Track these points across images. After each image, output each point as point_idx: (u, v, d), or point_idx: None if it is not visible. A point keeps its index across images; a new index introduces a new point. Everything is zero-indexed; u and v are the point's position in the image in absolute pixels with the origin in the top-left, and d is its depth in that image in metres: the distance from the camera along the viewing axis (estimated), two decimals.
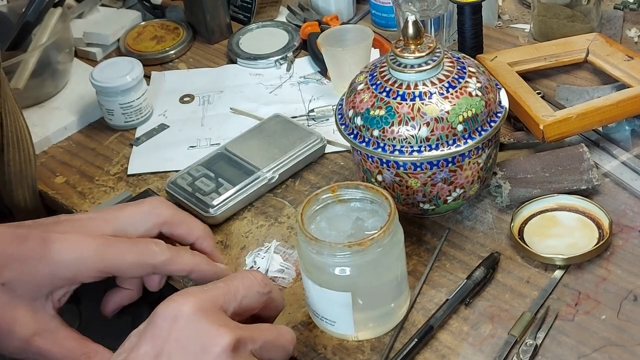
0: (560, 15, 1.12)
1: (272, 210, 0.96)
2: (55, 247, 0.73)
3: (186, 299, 0.65)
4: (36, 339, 0.74)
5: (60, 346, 0.75)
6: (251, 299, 0.70)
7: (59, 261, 0.73)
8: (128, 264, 0.75)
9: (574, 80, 1.08)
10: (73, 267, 0.73)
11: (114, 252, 0.74)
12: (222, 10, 1.26)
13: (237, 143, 1.02)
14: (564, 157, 0.92)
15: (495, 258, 0.84)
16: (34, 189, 0.99)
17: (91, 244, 0.74)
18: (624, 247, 0.84)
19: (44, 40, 1.13)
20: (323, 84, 1.15)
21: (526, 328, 0.77)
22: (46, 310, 0.75)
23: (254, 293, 0.70)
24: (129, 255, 0.75)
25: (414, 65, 0.82)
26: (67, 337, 0.75)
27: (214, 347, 0.63)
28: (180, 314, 0.64)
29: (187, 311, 0.64)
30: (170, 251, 0.76)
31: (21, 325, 0.74)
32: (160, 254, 0.76)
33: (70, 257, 0.73)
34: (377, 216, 0.78)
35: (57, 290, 0.75)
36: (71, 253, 0.73)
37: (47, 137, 1.11)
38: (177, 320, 0.64)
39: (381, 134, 0.82)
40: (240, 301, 0.68)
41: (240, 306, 0.68)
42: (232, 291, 0.68)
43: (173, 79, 1.21)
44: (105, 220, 0.77)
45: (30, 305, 0.74)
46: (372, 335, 0.79)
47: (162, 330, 0.64)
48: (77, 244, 0.74)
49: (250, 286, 0.70)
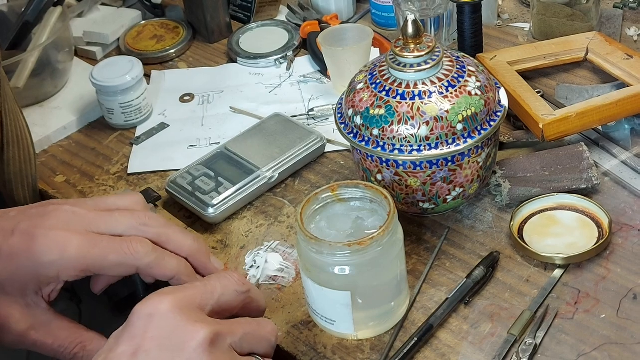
0: (560, 14, 1.12)
1: (272, 210, 0.96)
2: (38, 247, 0.73)
3: (162, 298, 0.65)
4: (31, 333, 0.75)
5: (56, 337, 0.75)
6: (229, 297, 0.69)
7: (42, 262, 0.73)
8: (110, 264, 0.74)
9: (574, 79, 1.08)
10: (55, 267, 0.73)
11: (96, 252, 0.74)
12: (222, 9, 1.26)
13: (237, 142, 1.02)
14: (564, 156, 0.92)
15: (495, 257, 0.84)
16: (34, 188, 0.99)
17: (74, 242, 0.73)
18: (623, 245, 0.84)
19: (44, 40, 1.13)
20: (323, 83, 1.15)
21: (526, 327, 0.77)
22: (38, 305, 0.75)
23: (232, 292, 0.70)
24: (111, 256, 0.74)
25: (413, 64, 0.82)
26: (62, 327, 0.76)
27: (191, 342, 0.63)
28: (156, 312, 0.64)
29: (163, 309, 0.64)
30: (156, 254, 0.75)
31: (15, 322, 0.74)
32: (145, 257, 0.75)
33: (53, 258, 0.73)
34: (376, 215, 0.78)
35: (44, 287, 0.75)
36: (54, 253, 0.73)
37: (48, 136, 1.11)
38: (153, 318, 0.64)
39: (381, 133, 0.82)
40: (218, 299, 0.68)
41: (219, 304, 0.68)
42: (209, 290, 0.68)
43: (173, 78, 1.21)
44: (91, 219, 0.76)
45: (22, 301, 0.75)
46: (372, 334, 0.79)
47: (138, 328, 0.64)
48: (61, 242, 0.73)
49: (227, 285, 0.70)
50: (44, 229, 0.74)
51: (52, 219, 0.75)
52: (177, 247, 0.78)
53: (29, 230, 0.74)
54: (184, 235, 0.79)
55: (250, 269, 0.88)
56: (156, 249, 0.76)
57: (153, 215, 0.78)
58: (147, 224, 0.77)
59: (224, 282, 0.70)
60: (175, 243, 0.78)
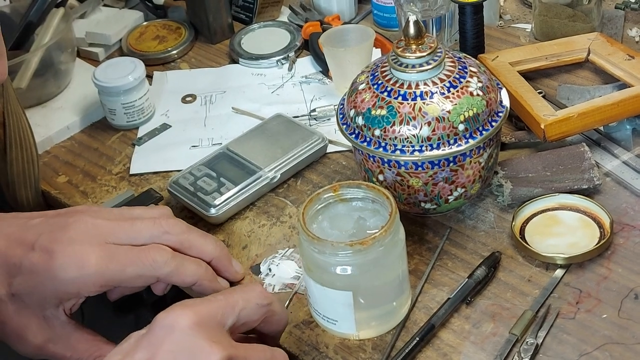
0: (562, 14, 1.12)
1: (274, 210, 0.96)
2: (57, 263, 0.73)
3: (184, 311, 0.65)
4: (49, 346, 0.76)
5: (74, 350, 0.76)
6: (250, 311, 0.69)
7: (61, 279, 0.73)
8: (129, 277, 0.75)
9: (575, 79, 1.08)
10: (75, 284, 0.74)
11: (114, 266, 0.74)
12: (224, 10, 1.26)
13: (239, 143, 1.02)
14: (565, 156, 0.92)
15: (496, 257, 0.84)
16: (36, 188, 0.99)
17: (92, 258, 0.73)
18: (625, 245, 0.84)
19: (47, 40, 1.14)
20: (325, 83, 1.15)
21: (527, 326, 0.77)
22: (58, 317, 0.76)
23: (253, 305, 0.70)
24: (129, 269, 0.74)
25: (415, 65, 0.83)
26: (80, 340, 0.77)
27: None
28: (176, 325, 0.64)
29: (183, 324, 0.64)
30: (175, 261, 0.75)
31: (34, 334, 0.75)
32: (164, 266, 0.75)
33: (72, 275, 0.73)
34: (378, 215, 0.78)
35: (65, 302, 0.76)
36: (73, 270, 0.73)
37: (50, 137, 1.11)
38: (173, 332, 0.64)
39: (382, 133, 0.82)
40: (239, 314, 0.68)
41: (239, 319, 0.68)
42: (230, 304, 0.68)
43: (175, 79, 1.21)
44: (111, 230, 0.76)
45: (40, 314, 0.76)
46: (373, 334, 0.80)
47: (157, 338, 0.64)
48: (79, 258, 0.73)
49: (249, 298, 0.70)
50: (63, 244, 0.74)
51: (72, 231, 0.75)
52: (199, 252, 0.79)
53: (48, 245, 0.74)
54: (206, 240, 0.79)
55: (266, 277, 0.87)
56: (175, 256, 0.76)
57: (174, 222, 0.78)
58: (169, 231, 0.77)
59: (246, 295, 0.70)
60: (197, 249, 0.79)
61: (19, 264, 0.74)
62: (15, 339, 0.76)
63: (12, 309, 0.75)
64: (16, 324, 0.75)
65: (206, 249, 0.79)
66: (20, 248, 0.75)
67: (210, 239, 0.80)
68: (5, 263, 0.75)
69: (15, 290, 0.75)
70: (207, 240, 0.79)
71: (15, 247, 0.75)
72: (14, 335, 0.76)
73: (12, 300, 0.75)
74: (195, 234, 0.79)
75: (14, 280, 0.74)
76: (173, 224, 0.78)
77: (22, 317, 0.75)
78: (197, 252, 0.79)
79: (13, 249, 0.75)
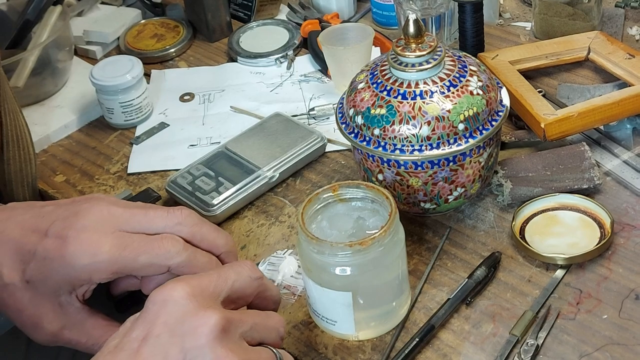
0: (562, 13, 1.12)
1: (272, 209, 0.96)
2: (70, 250, 0.73)
3: (177, 284, 0.66)
4: (65, 332, 0.76)
5: (90, 336, 0.77)
6: (242, 283, 0.70)
7: (74, 266, 0.73)
8: (141, 265, 0.75)
9: (575, 78, 1.07)
10: (87, 270, 0.74)
11: (127, 254, 0.74)
12: (223, 8, 1.25)
13: (237, 142, 1.02)
14: (565, 155, 0.91)
15: (496, 257, 0.84)
16: (34, 187, 0.99)
17: (105, 245, 0.74)
18: (625, 245, 0.84)
19: (44, 39, 1.13)
20: (324, 82, 1.15)
21: (528, 327, 0.77)
22: (72, 304, 0.76)
23: (245, 277, 0.70)
24: (142, 257, 0.74)
25: (415, 64, 0.82)
26: (95, 326, 0.77)
27: (202, 328, 0.63)
28: (169, 298, 0.65)
29: (176, 295, 0.65)
30: (187, 252, 0.75)
31: (49, 321, 0.76)
32: (176, 256, 0.75)
33: (85, 262, 0.73)
34: (378, 215, 0.78)
35: (78, 288, 0.76)
36: (86, 257, 0.73)
37: (47, 135, 1.11)
38: (167, 304, 0.65)
39: (382, 132, 0.82)
40: (232, 285, 0.69)
41: (233, 290, 0.69)
42: (223, 277, 0.69)
43: (173, 77, 1.21)
44: (126, 218, 0.76)
45: (55, 301, 0.76)
46: (373, 334, 0.79)
47: (152, 314, 0.65)
48: (92, 246, 0.74)
49: (240, 271, 0.70)
50: (76, 231, 0.74)
51: (85, 218, 0.75)
52: (210, 245, 0.78)
53: (62, 232, 0.74)
54: (218, 234, 0.79)
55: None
56: (187, 247, 0.76)
57: (188, 213, 0.78)
58: (182, 222, 0.77)
59: (237, 269, 0.70)
60: (208, 242, 0.78)
61: (33, 250, 0.74)
62: (31, 327, 0.76)
63: (28, 296, 0.75)
64: (32, 311, 0.76)
65: (218, 242, 0.79)
66: (34, 235, 0.75)
67: (222, 233, 0.80)
68: (20, 250, 0.75)
69: (29, 277, 0.75)
70: (219, 234, 0.80)
71: (30, 234, 0.75)
72: (30, 323, 0.76)
73: (27, 287, 0.75)
74: (207, 226, 0.79)
75: (28, 267, 0.75)
76: (186, 215, 0.78)
77: (37, 305, 0.75)
78: (209, 245, 0.79)
79: (27, 236, 0.75)
